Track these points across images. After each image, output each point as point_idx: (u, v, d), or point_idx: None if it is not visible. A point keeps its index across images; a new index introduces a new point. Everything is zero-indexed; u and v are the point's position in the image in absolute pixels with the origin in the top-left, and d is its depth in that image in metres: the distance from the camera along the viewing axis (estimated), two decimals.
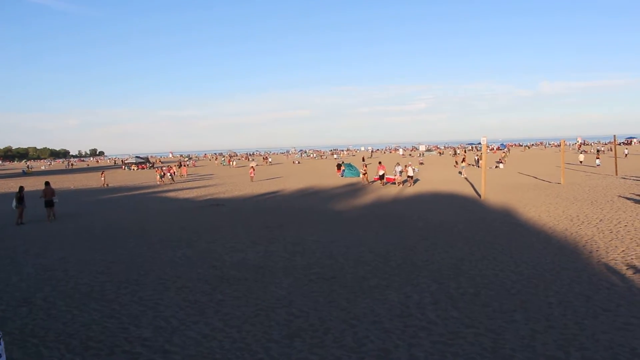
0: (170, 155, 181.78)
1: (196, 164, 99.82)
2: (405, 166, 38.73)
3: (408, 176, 36.89)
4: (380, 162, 42.26)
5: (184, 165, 71.56)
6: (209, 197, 32.33)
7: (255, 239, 16.49)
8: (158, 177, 50.16)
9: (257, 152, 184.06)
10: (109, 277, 12.03)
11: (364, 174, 41.28)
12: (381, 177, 37.83)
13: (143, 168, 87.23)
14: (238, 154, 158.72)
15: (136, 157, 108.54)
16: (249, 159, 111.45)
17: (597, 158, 52.51)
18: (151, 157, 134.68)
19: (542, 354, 7.14)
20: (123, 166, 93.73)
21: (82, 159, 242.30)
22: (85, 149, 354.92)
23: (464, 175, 42.11)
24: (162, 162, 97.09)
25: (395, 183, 36.76)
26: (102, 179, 50.88)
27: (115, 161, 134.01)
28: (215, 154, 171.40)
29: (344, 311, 9.21)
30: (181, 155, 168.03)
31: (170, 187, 42.42)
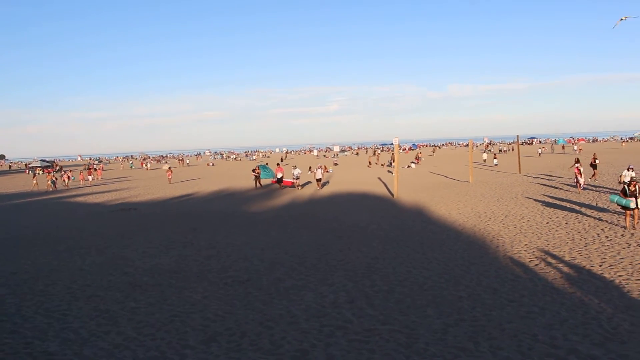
0: (79, 159, 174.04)
1: (105, 167, 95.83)
2: (318, 167, 37.78)
3: (317, 179, 35.55)
4: (278, 164, 41.14)
5: (97, 169, 68.52)
6: (120, 201, 31.19)
7: (169, 244, 16.10)
8: (49, 182, 43.27)
9: (171, 154, 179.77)
10: (10, 289, 11.29)
11: (256, 178, 37.78)
12: (278, 181, 35.56)
13: (49, 172, 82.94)
14: (150, 157, 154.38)
15: (41, 160, 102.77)
16: (160, 162, 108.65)
17: (495, 158, 55.75)
18: (58, 160, 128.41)
19: (454, 346, 7.43)
20: (27, 170, 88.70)
21: None
22: None
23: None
24: (60, 166, 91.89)
25: (294, 186, 35.33)
26: (35, 182, 44.78)
27: (10, 166, 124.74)
28: (127, 156, 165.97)
29: (260, 314, 9.17)
30: (90, 158, 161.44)
31: (79, 192, 40.49)
